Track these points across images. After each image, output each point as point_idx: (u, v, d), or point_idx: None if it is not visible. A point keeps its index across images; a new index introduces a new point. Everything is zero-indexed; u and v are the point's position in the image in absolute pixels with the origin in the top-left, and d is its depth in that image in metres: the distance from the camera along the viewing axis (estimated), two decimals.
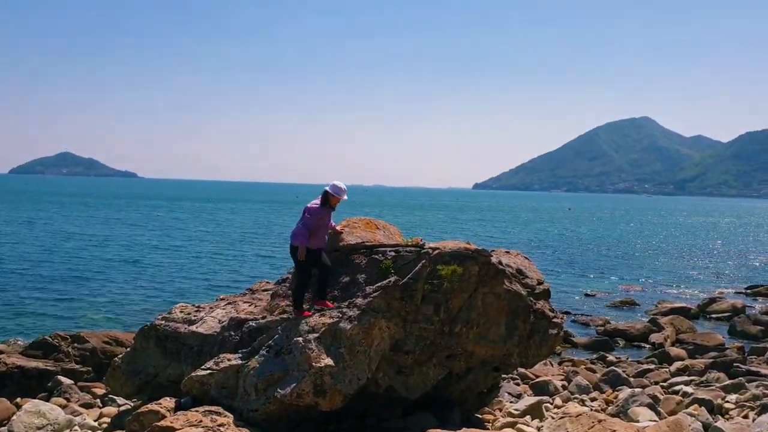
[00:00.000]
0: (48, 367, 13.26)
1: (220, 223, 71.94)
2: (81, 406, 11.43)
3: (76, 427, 9.84)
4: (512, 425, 9.78)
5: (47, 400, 11.46)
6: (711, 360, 16.29)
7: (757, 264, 46.95)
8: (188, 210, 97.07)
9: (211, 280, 31.04)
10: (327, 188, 9.17)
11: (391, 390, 8.66)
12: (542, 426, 9.44)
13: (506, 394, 12.40)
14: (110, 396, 11.48)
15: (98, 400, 12.07)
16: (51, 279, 28.91)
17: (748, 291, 32.38)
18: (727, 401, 11.61)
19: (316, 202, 9.10)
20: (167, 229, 60.40)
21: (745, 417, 10.45)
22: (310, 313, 8.65)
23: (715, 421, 9.93)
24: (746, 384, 12.79)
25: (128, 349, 10.74)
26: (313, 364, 7.89)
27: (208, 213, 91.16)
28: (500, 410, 11.06)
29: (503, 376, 11.35)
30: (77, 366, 13.78)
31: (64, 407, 10.90)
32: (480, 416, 10.29)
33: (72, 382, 12.78)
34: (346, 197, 9.21)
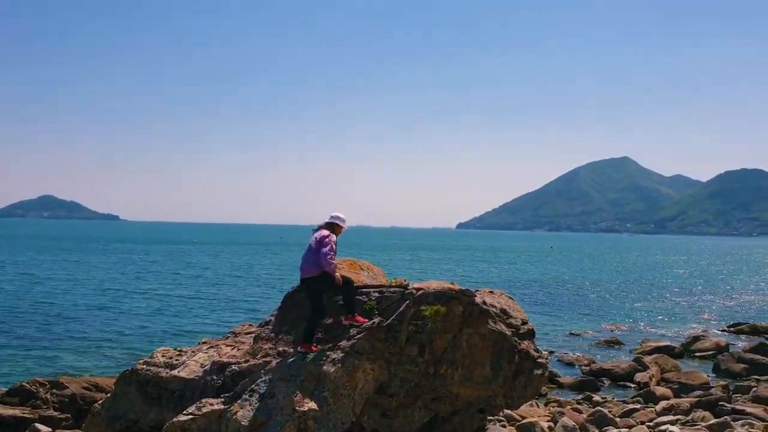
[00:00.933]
0: (25, 415, 12.97)
1: (202, 265, 71.45)
2: None
3: None
4: None
5: None
6: (696, 399, 16.25)
7: (739, 302, 47.24)
8: (170, 252, 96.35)
9: (193, 323, 30.69)
10: (334, 219, 9.19)
11: None
12: None
13: None
14: None
15: None
16: (28, 324, 28.44)
17: (731, 329, 32.49)
18: None
19: (324, 231, 9.03)
20: (148, 272, 59.86)
21: None
22: (316, 349, 8.56)
23: None
24: (731, 423, 12.77)
25: (108, 395, 10.56)
26: (297, 408, 7.80)
27: (190, 255, 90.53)
28: None
29: (489, 418, 11.26)
30: (56, 413, 13.49)
31: None
32: None
33: (50, 429, 12.50)
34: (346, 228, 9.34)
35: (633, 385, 20.17)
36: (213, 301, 38.91)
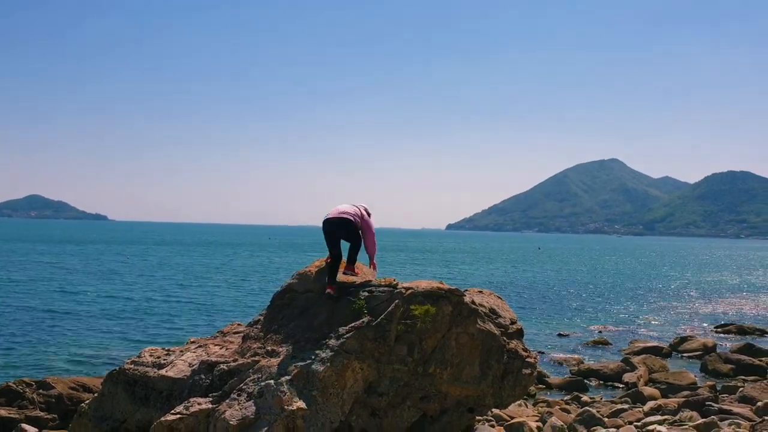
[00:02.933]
0: (11, 415, 12.88)
1: (191, 265, 71.20)
2: None
3: None
4: None
5: None
6: (684, 399, 16.34)
7: (726, 303, 47.54)
8: (158, 253, 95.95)
9: (181, 323, 30.58)
10: (367, 209, 9.91)
11: None
12: None
13: None
14: None
15: None
16: (13, 324, 28.24)
17: (719, 329, 32.70)
18: None
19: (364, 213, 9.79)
20: (136, 272, 59.59)
21: None
22: (334, 291, 9.14)
23: None
24: (719, 423, 12.84)
25: (95, 395, 10.48)
26: (285, 407, 7.77)
27: (179, 255, 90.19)
28: None
29: (478, 417, 11.26)
30: (42, 413, 13.40)
31: None
32: None
33: (37, 430, 12.43)
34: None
35: (621, 386, 20.27)
36: (200, 302, 38.78)
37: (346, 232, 9.54)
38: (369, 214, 9.88)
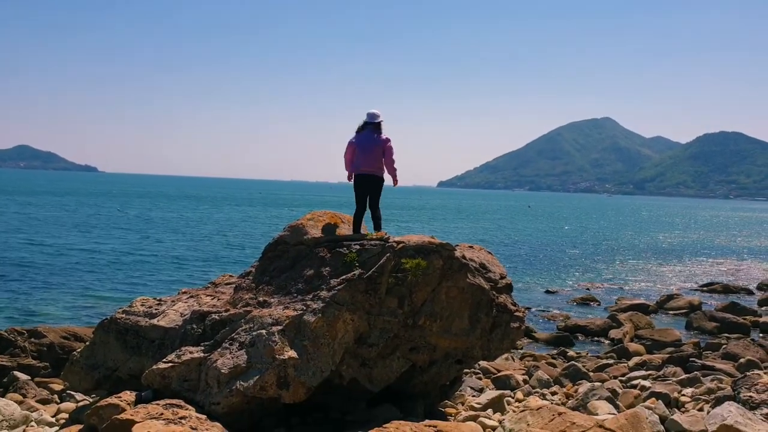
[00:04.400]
0: (3, 363, 12.93)
1: (181, 217, 71.11)
2: (38, 401, 11.19)
3: (33, 423, 9.64)
4: (474, 418, 9.86)
5: (2, 395, 11.19)
6: (668, 355, 16.62)
7: (713, 262, 48.06)
8: (149, 205, 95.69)
9: (173, 274, 30.68)
10: (380, 119, 9.74)
11: (354, 383, 8.66)
12: (504, 419, 9.53)
13: (468, 388, 12.49)
14: (68, 392, 11.26)
15: (56, 395, 11.84)
16: (5, 274, 28.26)
17: (704, 288, 33.13)
18: (683, 395, 11.86)
19: (384, 136, 9.69)
20: (126, 223, 59.50)
21: (700, 410, 10.69)
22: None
23: (672, 414, 10.14)
24: (701, 378, 13.10)
25: (87, 343, 10.55)
26: (277, 356, 7.86)
27: (168, 208, 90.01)
28: (462, 404, 11.14)
29: (465, 370, 11.44)
30: (34, 361, 13.47)
31: (20, 403, 10.66)
32: (442, 410, 10.35)
33: (28, 377, 12.50)
34: (379, 119, 9.73)
35: (607, 341, 20.58)
36: (193, 253, 38.85)
37: (372, 186, 9.72)
38: (362, 128, 9.80)
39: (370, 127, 9.69)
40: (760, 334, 21.83)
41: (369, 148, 9.61)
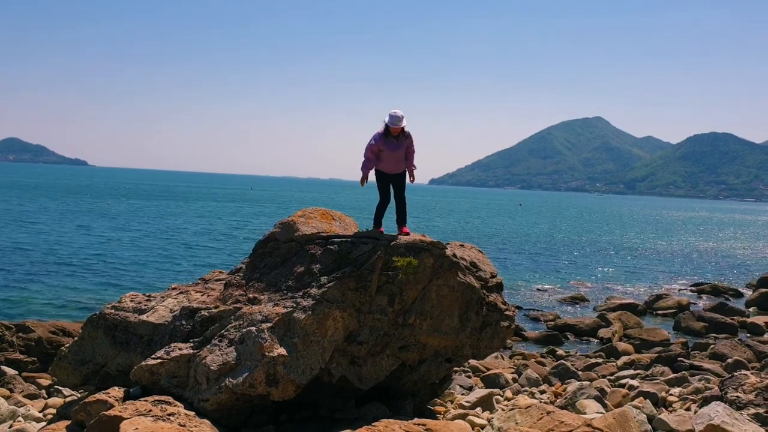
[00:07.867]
0: None
1: (171, 213, 70.84)
2: (25, 397, 11.14)
3: (20, 418, 9.59)
4: (463, 417, 9.88)
5: None
6: (656, 354, 16.71)
7: (701, 262, 48.30)
8: (140, 201, 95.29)
9: (162, 270, 30.57)
10: (385, 120, 9.46)
11: (344, 380, 8.65)
12: (492, 418, 9.54)
13: (458, 386, 12.52)
14: (56, 387, 11.22)
15: (43, 390, 11.79)
16: None
17: (693, 288, 33.31)
18: (671, 394, 11.92)
19: (380, 131, 9.52)
20: (116, 219, 59.23)
21: (688, 409, 10.76)
22: (383, 230, 9.45)
23: (659, 413, 10.19)
24: (689, 378, 13.18)
25: (76, 339, 10.49)
26: (266, 353, 7.83)
27: (159, 204, 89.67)
28: (452, 402, 11.16)
29: (455, 368, 11.44)
30: (22, 356, 13.42)
31: (7, 398, 10.62)
32: (432, 408, 10.36)
33: (16, 372, 12.45)
34: (403, 124, 9.44)
35: (596, 341, 20.67)
36: (183, 250, 38.72)
37: (398, 182, 9.77)
38: (387, 132, 9.53)
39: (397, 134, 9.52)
40: (748, 335, 21.97)
41: (397, 154, 9.58)
